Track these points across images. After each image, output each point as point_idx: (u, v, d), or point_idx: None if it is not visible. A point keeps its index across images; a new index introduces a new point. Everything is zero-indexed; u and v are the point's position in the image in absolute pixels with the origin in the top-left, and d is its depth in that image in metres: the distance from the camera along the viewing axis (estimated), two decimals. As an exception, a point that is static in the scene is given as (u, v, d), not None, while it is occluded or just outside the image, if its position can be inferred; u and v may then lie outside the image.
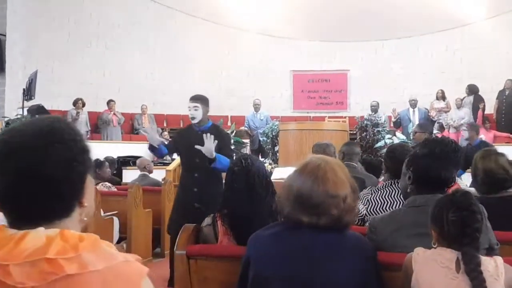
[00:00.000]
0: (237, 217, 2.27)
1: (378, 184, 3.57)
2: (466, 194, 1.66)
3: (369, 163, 4.78)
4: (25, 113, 8.08)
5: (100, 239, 0.96)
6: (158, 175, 6.81)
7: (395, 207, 2.69)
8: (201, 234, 2.35)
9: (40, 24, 10.76)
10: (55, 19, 11.02)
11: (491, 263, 1.57)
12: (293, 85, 13.39)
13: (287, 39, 13.02)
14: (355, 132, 9.10)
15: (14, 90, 9.57)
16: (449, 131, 10.17)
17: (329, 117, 11.03)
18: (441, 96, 10.77)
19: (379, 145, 8.37)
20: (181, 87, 11.40)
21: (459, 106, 10.58)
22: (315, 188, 1.61)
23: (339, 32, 12.40)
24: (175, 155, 7.69)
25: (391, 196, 2.79)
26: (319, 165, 1.65)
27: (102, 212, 4.82)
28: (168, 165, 7.83)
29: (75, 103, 10.22)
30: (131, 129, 11.61)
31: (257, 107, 10.38)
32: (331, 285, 1.58)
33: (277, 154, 8.26)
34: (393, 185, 2.80)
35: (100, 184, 5.51)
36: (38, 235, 0.91)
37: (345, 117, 11.13)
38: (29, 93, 8.41)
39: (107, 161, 6.00)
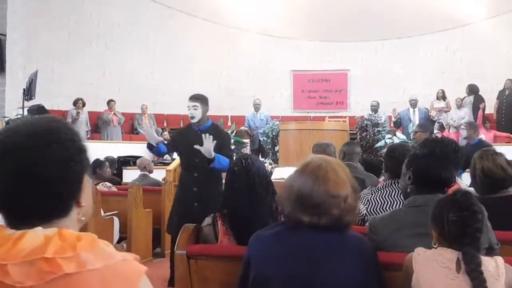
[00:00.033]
0: (237, 217, 2.27)
1: (378, 184, 3.57)
2: (467, 194, 1.66)
3: (369, 163, 4.78)
4: (25, 113, 8.08)
5: (98, 238, 0.96)
6: (158, 175, 6.81)
7: (395, 207, 2.69)
8: (201, 234, 2.35)
9: (40, 24, 10.75)
10: (55, 19, 11.02)
11: (492, 263, 1.57)
12: (293, 85, 13.38)
13: (287, 39, 13.01)
14: (355, 132, 9.09)
15: (14, 90, 9.57)
16: (449, 131, 10.17)
17: (329, 117, 11.02)
18: (442, 96, 10.77)
19: (379, 145, 8.37)
20: (181, 87, 11.39)
21: (459, 106, 10.59)
22: (316, 188, 1.61)
23: (339, 32, 12.40)
24: (175, 155, 7.69)
25: (391, 196, 2.78)
26: (320, 165, 1.65)
27: (102, 212, 4.82)
28: (168, 165, 7.82)
29: (75, 103, 10.23)
30: (131, 129, 11.60)
31: (257, 107, 10.37)
32: (331, 285, 1.58)
33: (277, 154, 8.26)
34: (393, 185, 2.80)
35: (100, 184, 5.51)
36: (36, 234, 0.91)
37: (345, 117, 11.11)
38: (29, 93, 8.40)
39: (107, 161, 5.99)
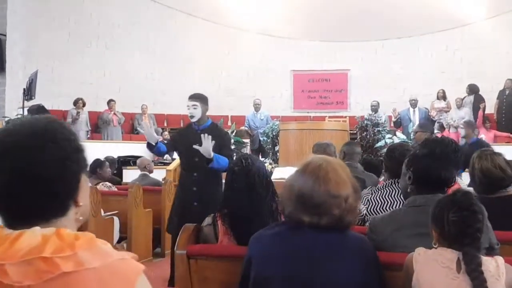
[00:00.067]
0: (238, 217, 2.27)
1: (378, 183, 3.57)
2: (467, 194, 1.66)
3: (369, 162, 4.78)
4: (26, 113, 8.07)
5: (96, 237, 0.96)
6: (158, 174, 6.81)
7: (395, 207, 2.68)
8: (202, 234, 2.35)
9: (40, 24, 10.75)
10: (55, 19, 11.02)
11: (492, 263, 1.57)
12: (293, 85, 13.38)
13: (287, 39, 13.01)
14: (355, 132, 9.09)
15: (14, 90, 9.58)
16: (449, 131, 10.17)
17: (329, 117, 11.01)
18: (442, 96, 10.77)
19: (379, 145, 8.37)
20: (181, 87, 11.38)
21: (460, 106, 10.59)
22: (317, 188, 1.61)
23: (339, 32, 12.40)
24: (175, 155, 7.69)
25: (391, 196, 2.78)
26: (320, 165, 1.65)
27: (102, 212, 4.82)
28: (168, 165, 7.83)
29: (75, 103, 10.24)
30: (131, 129, 11.61)
31: (257, 107, 10.37)
32: (332, 285, 1.57)
33: (278, 154, 8.26)
34: (393, 185, 2.79)
35: (100, 184, 5.50)
36: (34, 234, 0.91)
37: (345, 117, 11.11)
38: (29, 93, 8.40)
39: (107, 161, 5.99)
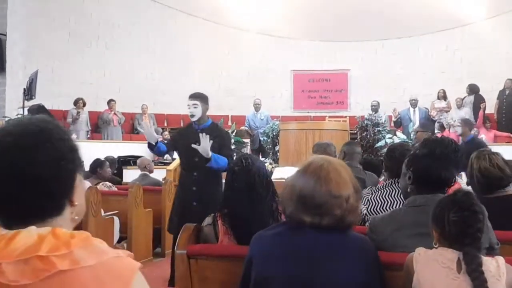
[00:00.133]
0: (238, 217, 2.27)
1: (378, 183, 3.57)
2: (467, 194, 1.66)
3: (369, 162, 4.77)
4: (26, 112, 8.08)
5: (91, 236, 0.96)
6: (158, 174, 6.81)
7: (395, 207, 2.68)
8: (202, 233, 2.35)
9: (40, 24, 10.75)
10: (55, 19, 11.02)
11: (493, 263, 1.56)
12: (293, 85, 13.38)
13: (287, 39, 13.01)
14: (355, 131, 9.09)
15: (14, 90, 9.58)
16: (449, 130, 10.16)
17: (330, 117, 11.01)
18: (443, 96, 10.77)
19: (379, 144, 8.37)
20: (181, 87, 11.38)
21: (460, 106, 10.59)
22: (318, 188, 1.61)
23: (339, 32, 12.40)
24: (175, 155, 7.68)
25: (391, 195, 2.78)
26: (322, 165, 1.65)
27: (102, 211, 4.82)
28: (168, 165, 7.83)
29: (75, 102, 10.24)
30: (131, 128, 11.61)
31: (257, 107, 10.37)
32: (332, 285, 1.57)
33: (278, 153, 8.26)
34: (393, 185, 2.79)
35: (100, 183, 5.51)
36: (29, 233, 0.91)
37: (345, 117, 11.11)
38: (29, 93, 8.40)
39: (107, 161, 5.99)
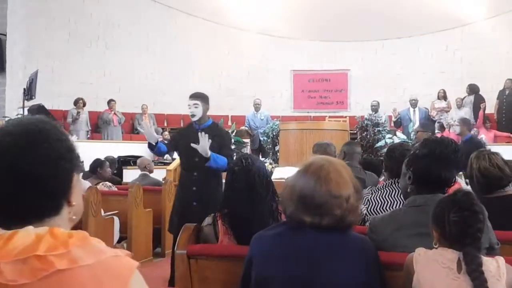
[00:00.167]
0: (238, 216, 2.27)
1: (378, 183, 3.57)
2: (468, 194, 1.65)
3: (369, 162, 4.77)
4: (26, 112, 8.08)
5: (89, 235, 0.96)
6: (158, 174, 6.81)
7: (395, 207, 2.68)
8: (202, 233, 2.35)
9: (40, 24, 10.76)
10: (55, 19, 11.02)
11: (493, 264, 1.56)
12: (293, 85, 13.38)
13: (287, 39, 13.02)
14: (355, 131, 9.09)
15: (14, 90, 9.58)
16: (449, 130, 10.16)
17: (330, 117, 11.02)
18: (443, 96, 10.77)
19: (379, 144, 8.37)
20: (181, 87, 11.38)
21: (460, 106, 10.59)
22: (318, 188, 1.61)
23: (339, 32, 12.40)
24: (175, 155, 7.68)
25: (391, 195, 2.78)
26: (322, 165, 1.65)
27: (102, 211, 4.82)
28: (168, 165, 7.83)
29: (75, 102, 10.25)
30: (131, 128, 11.61)
31: (257, 107, 10.36)
32: (332, 285, 1.57)
33: (278, 153, 8.26)
34: (393, 185, 2.79)
35: (100, 183, 5.51)
36: (27, 233, 0.91)
37: (345, 117, 11.10)
38: (29, 92, 8.40)
39: (107, 161, 5.99)
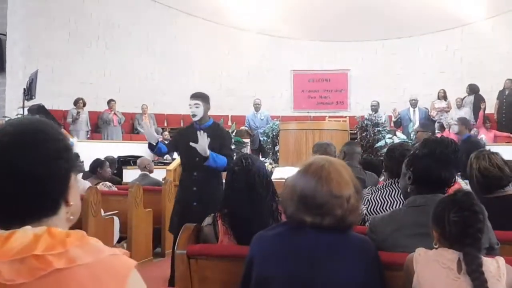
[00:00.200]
0: (238, 216, 2.27)
1: (378, 183, 3.57)
2: (468, 194, 1.65)
3: (369, 162, 4.77)
4: (26, 112, 8.08)
5: (86, 235, 0.96)
6: (158, 174, 6.81)
7: (395, 207, 2.68)
8: (202, 233, 2.35)
9: (40, 24, 10.76)
10: (55, 19, 11.02)
11: (493, 264, 1.56)
12: (293, 85, 13.38)
13: (287, 39, 13.02)
14: (355, 131, 9.09)
15: (14, 89, 9.58)
16: (449, 131, 10.16)
17: (330, 117, 11.01)
18: (443, 96, 10.76)
19: (379, 144, 8.36)
20: (181, 87, 11.39)
21: (460, 106, 10.58)
22: (319, 188, 1.61)
23: (339, 32, 12.40)
24: (175, 155, 7.69)
25: (391, 195, 2.78)
26: (323, 165, 1.65)
27: (102, 211, 4.82)
28: (168, 165, 7.83)
29: (75, 102, 10.25)
30: (131, 128, 11.61)
31: (257, 107, 10.36)
32: (333, 286, 1.57)
33: (278, 153, 8.26)
34: (393, 185, 2.79)
35: (100, 183, 5.51)
36: (25, 233, 0.91)
37: (345, 117, 11.10)
38: (29, 92, 8.40)
39: (107, 161, 5.99)
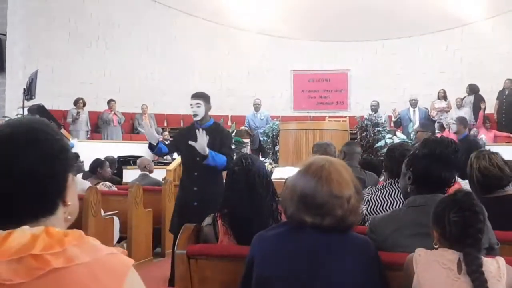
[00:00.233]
0: (238, 216, 2.26)
1: (378, 183, 3.57)
2: (468, 194, 1.65)
3: (369, 162, 4.77)
4: (26, 112, 8.08)
5: (84, 234, 0.96)
6: (158, 174, 6.82)
7: (395, 207, 2.68)
8: (202, 233, 2.35)
9: (40, 24, 10.76)
10: (55, 19, 11.02)
11: (493, 264, 1.56)
12: (293, 85, 13.38)
13: (287, 39, 13.01)
14: (355, 131, 9.08)
15: (14, 89, 9.58)
16: (449, 131, 10.16)
17: (330, 117, 11.01)
18: (443, 96, 10.76)
19: (379, 144, 8.36)
20: (181, 87, 11.40)
21: (460, 106, 10.58)
22: (319, 188, 1.61)
23: (339, 32, 12.40)
24: (175, 155, 7.69)
25: (391, 195, 2.78)
26: (323, 165, 1.65)
27: (102, 211, 4.82)
28: (168, 165, 7.83)
29: (76, 102, 10.25)
30: (131, 128, 11.61)
31: (257, 107, 10.36)
32: (333, 286, 1.57)
33: (278, 153, 8.26)
34: (393, 185, 2.79)
35: (100, 183, 5.51)
36: (23, 233, 0.91)
37: (345, 117, 11.10)
38: (29, 92, 8.40)
39: (107, 161, 5.99)
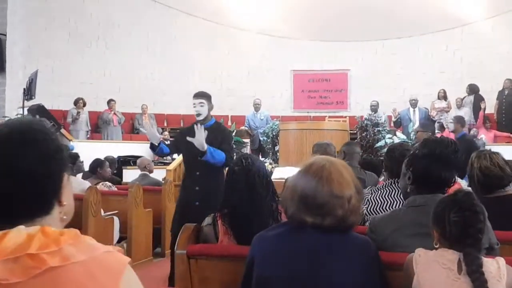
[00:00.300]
0: (238, 216, 2.27)
1: (378, 183, 3.57)
2: (468, 194, 1.65)
3: (369, 162, 4.78)
4: (26, 112, 8.08)
5: (80, 233, 0.97)
6: (158, 174, 6.81)
7: (395, 207, 2.68)
8: (202, 233, 2.35)
9: (40, 24, 10.76)
10: (55, 19, 11.02)
11: (494, 265, 1.56)
12: (293, 84, 13.38)
13: (287, 38, 13.01)
14: (355, 131, 9.08)
15: (14, 89, 9.58)
16: (449, 131, 10.15)
17: (330, 117, 11.01)
18: (443, 96, 10.76)
19: (379, 144, 8.36)
20: (181, 87, 11.41)
21: (460, 106, 10.58)
22: (320, 188, 1.61)
23: (339, 32, 12.41)
24: (175, 155, 7.68)
25: (391, 195, 2.78)
26: (323, 165, 1.65)
27: (102, 211, 4.82)
28: (168, 165, 7.83)
29: (76, 102, 10.25)
30: (131, 128, 11.62)
31: (257, 107, 10.36)
32: (333, 286, 1.57)
33: (278, 153, 8.26)
34: (393, 185, 2.79)
35: (100, 183, 5.51)
36: (18, 233, 0.92)
37: (345, 117, 11.09)
38: (29, 92, 8.40)
39: (107, 161, 5.99)
